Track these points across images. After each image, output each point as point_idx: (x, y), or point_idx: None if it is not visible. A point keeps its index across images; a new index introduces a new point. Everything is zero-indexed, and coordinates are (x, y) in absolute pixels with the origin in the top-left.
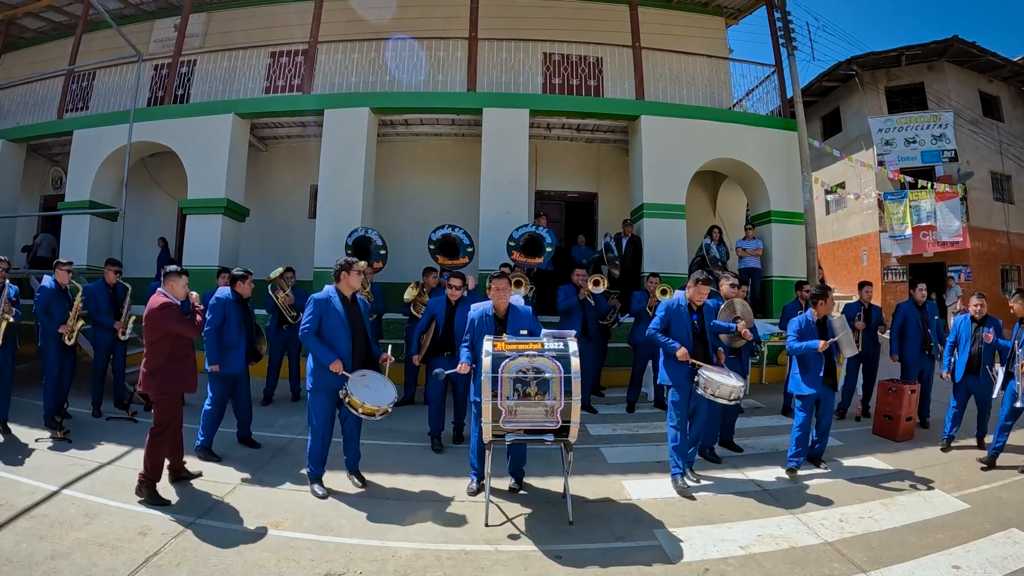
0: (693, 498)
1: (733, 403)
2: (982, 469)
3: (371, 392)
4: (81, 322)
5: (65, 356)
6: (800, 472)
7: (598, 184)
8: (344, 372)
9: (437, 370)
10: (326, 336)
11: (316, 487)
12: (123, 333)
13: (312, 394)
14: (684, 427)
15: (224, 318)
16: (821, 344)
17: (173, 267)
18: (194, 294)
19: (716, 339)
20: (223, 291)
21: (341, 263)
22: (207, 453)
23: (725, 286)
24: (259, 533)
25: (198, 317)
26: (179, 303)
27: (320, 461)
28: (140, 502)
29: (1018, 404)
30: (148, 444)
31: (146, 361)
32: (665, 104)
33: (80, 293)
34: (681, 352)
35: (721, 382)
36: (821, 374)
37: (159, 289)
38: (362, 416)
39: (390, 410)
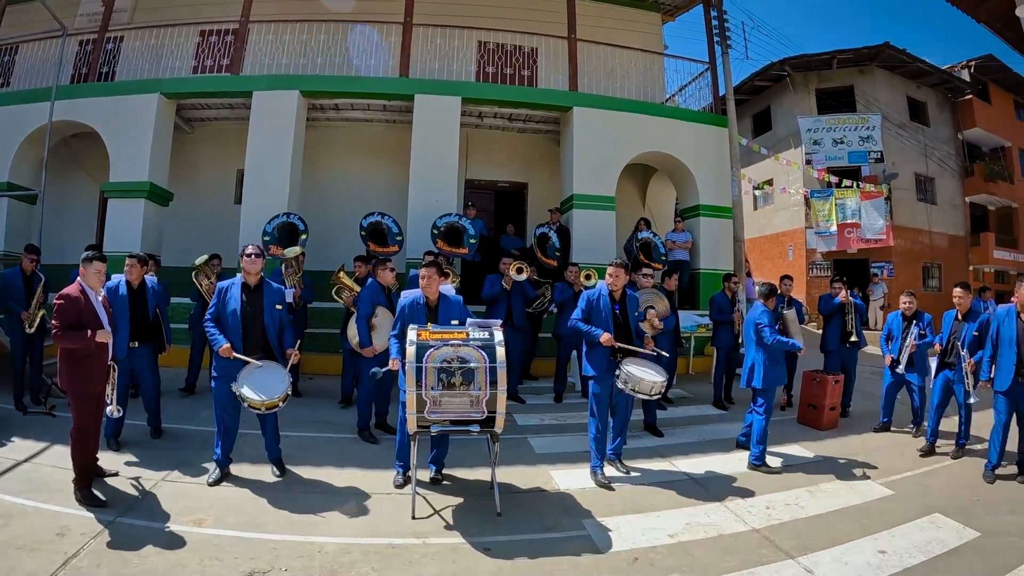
0: (612, 489)
1: (654, 398)
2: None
3: (262, 385)
4: None
5: None
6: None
7: (529, 174)
8: (237, 356)
9: (374, 369)
10: (226, 323)
11: (214, 473)
12: (30, 325)
13: (213, 381)
14: (605, 419)
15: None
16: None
17: (88, 252)
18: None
19: (640, 329)
20: (115, 279)
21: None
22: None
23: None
24: (182, 531)
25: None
26: (90, 293)
27: (219, 447)
28: (79, 504)
29: (971, 401)
30: (71, 447)
31: (59, 353)
32: (598, 96)
33: None
34: (605, 337)
35: (641, 377)
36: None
37: (78, 278)
38: (251, 410)
39: (281, 404)
